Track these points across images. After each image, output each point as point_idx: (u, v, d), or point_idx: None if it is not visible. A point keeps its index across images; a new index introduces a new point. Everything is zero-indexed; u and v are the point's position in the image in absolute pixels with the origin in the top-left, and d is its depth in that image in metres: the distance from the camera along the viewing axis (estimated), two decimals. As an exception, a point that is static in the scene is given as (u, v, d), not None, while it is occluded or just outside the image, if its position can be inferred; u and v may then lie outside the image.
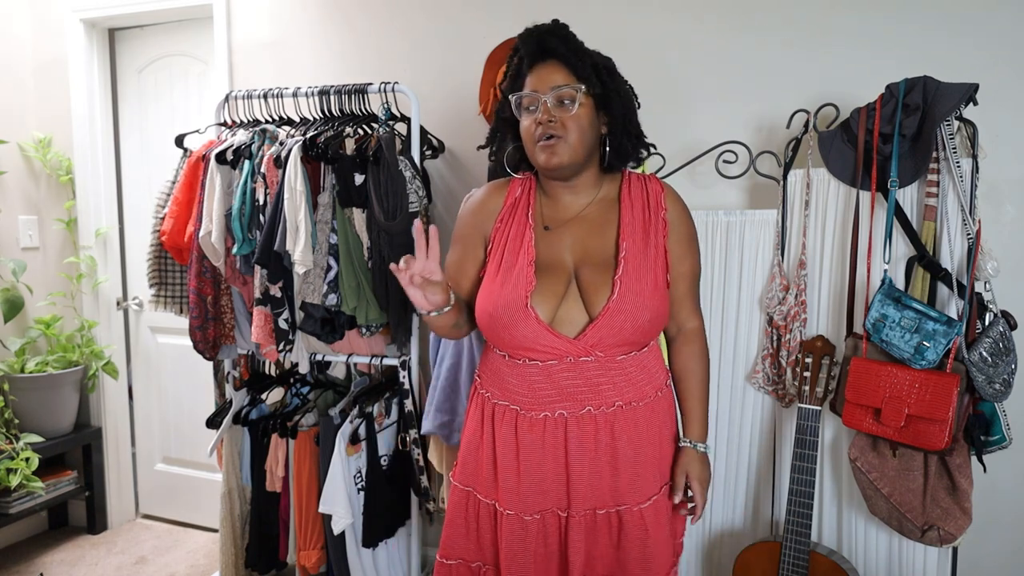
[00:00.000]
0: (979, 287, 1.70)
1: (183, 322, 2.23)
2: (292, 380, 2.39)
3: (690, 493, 1.39)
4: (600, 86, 1.30)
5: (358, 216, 2.01)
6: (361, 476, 2.09)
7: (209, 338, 2.16)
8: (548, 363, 1.28)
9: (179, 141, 2.27)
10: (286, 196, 1.94)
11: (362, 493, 2.08)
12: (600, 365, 1.29)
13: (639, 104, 1.39)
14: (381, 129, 2.06)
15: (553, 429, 1.30)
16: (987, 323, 1.67)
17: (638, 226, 1.35)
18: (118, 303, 3.00)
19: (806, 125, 1.88)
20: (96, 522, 2.96)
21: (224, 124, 2.30)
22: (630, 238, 1.33)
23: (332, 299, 1.99)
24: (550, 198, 1.39)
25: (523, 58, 1.32)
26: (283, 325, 2.05)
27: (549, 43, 1.29)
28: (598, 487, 1.31)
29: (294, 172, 1.95)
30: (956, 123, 1.69)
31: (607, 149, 1.36)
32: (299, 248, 1.92)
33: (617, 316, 1.26)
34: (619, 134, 1.35)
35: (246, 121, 2.26)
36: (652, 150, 1.48)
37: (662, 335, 1.48)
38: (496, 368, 1.37)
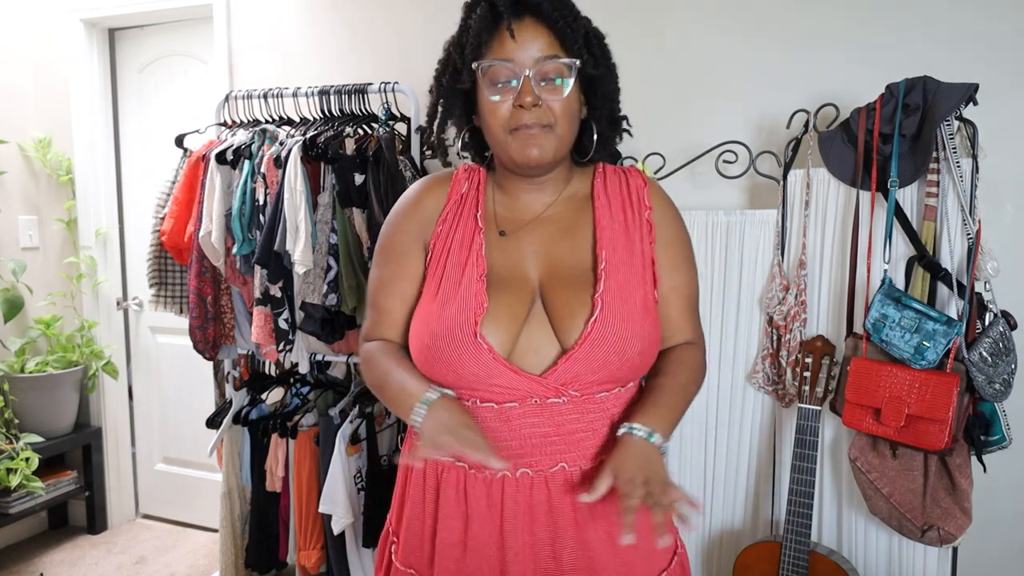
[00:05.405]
0: (979, 287, 1.69)
1: (183, 322, 2.23)
2: (292, 380, 2.39)
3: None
4: (594, 64, 1.00)
5: (358, 216, 2.01)
6: (361, 476, 2.09)
7: (209, 338, 2.16)
8: (505, 405, 0.96)
9: (179, 141, 2.27)
10: (286, 196, 1.95)
11: (362, 493, 2.08)
12: (576, 407, 0.97)
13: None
14: (381, 129, 2.07)
15: (513, 494, 0.97)
16: (987, 323, 1.67)
17: (619, 230, 1.05)
18: (118, 303, 3.00)
19: (806, 125, 1.88)
20: (96, 522, 2.96)
21: (224, 124, 2.30)
22: (610, 246, 1.03)
23: (332, 299, 1.99)
24: (505, 194, 1.08)
25: (492, 10, 0.96)
26: (283, 325, 2.06)
27: None
28: (578, 571, 0.98)
29: (294, 172, 1.95)
30: (956, 123, 1.68)
31: (593, 138, 1.06)
32: (299, 248, 1.92)
33: (599, 346, 0.95)
34: (604, 121, 1.06)
35: (246, 121, 2.26)
36: (630, 134, 1.17)
37: None
38: None
